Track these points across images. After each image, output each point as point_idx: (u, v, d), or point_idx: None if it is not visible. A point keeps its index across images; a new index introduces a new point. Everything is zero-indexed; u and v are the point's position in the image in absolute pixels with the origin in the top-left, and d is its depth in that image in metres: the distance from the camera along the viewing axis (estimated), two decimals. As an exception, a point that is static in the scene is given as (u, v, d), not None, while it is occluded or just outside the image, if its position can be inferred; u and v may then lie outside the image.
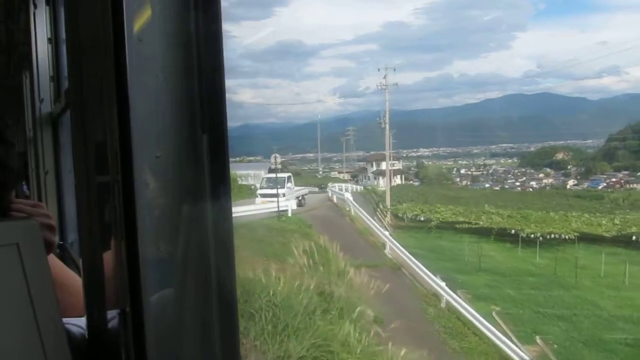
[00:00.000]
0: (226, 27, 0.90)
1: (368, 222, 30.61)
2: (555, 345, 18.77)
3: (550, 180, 74.12)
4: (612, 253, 30.68)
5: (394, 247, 25.46)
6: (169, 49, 0.86)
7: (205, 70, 0.87)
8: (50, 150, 3.36)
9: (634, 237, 32.69)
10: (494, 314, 21.32)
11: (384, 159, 66.90)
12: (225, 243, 0.87)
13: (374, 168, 74.10)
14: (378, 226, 29.97)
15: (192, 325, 0.86)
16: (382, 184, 65.98)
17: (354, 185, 57.75)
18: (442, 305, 19.56)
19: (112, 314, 0.89)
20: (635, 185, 61.53)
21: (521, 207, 45.05)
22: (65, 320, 0.95)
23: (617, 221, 37.12)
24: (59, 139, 3.36)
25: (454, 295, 19.61)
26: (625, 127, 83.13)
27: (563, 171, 78.52)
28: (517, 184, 72.87)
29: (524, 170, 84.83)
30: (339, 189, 43.26)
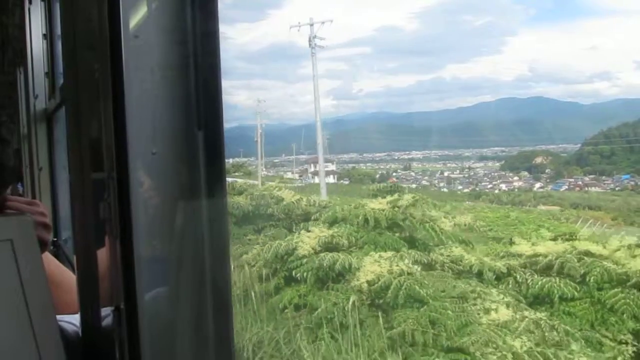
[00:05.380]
0: (221, 28, 0.90)
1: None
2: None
3: (520, 183, 75.43)
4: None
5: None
6: (165, 45, 0.86)
7: (202, 68, 0.87)
8: (44, 146, 3.33)
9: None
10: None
11: (317, 161, 76.72)
12: (221, 241, 0.86)
13: (312, 169, 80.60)
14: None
15: (186, 322, 0.86)
16: (317, 180, 73.74)
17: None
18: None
19: (106, 311, 0.88)
20: (593, 188, 62.92)
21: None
22: (59, 317, 0.94)
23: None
24: (53, 136, 3.33)
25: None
26: (598, 133, 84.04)
27: (535, 175, 79.75)
28: (490, 186, 73.97)
29: (503, 173, 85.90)
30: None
